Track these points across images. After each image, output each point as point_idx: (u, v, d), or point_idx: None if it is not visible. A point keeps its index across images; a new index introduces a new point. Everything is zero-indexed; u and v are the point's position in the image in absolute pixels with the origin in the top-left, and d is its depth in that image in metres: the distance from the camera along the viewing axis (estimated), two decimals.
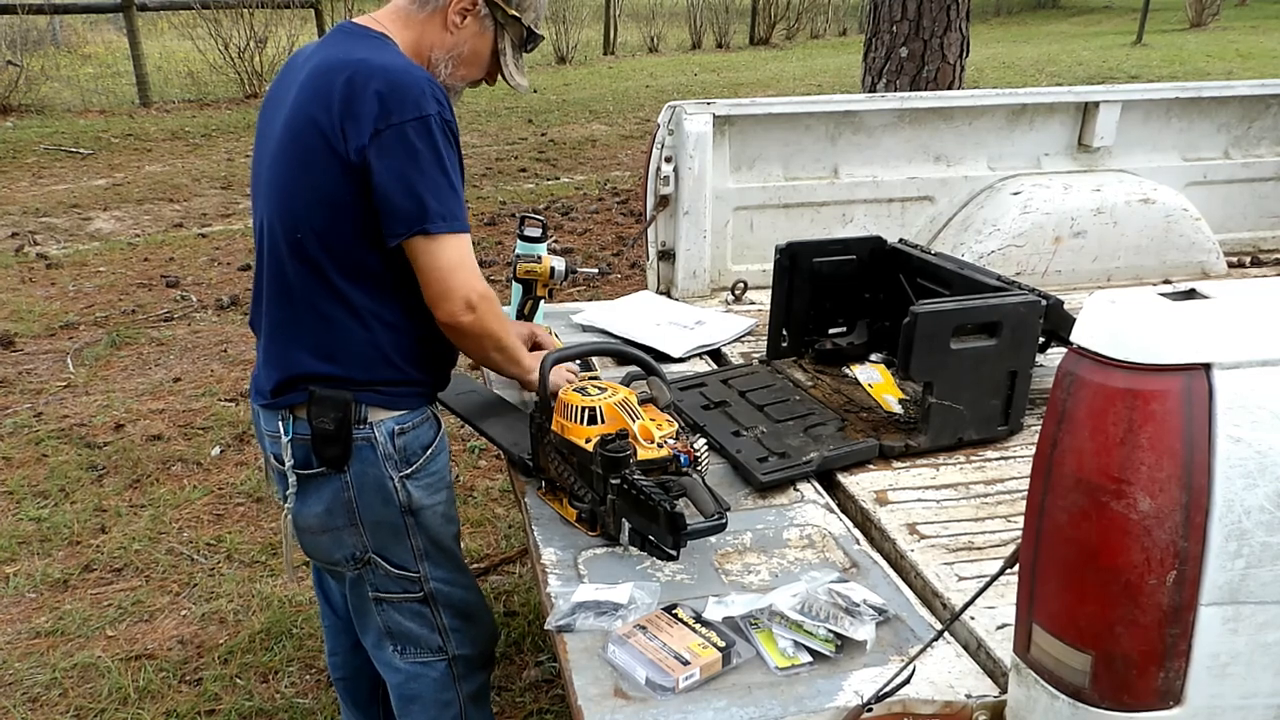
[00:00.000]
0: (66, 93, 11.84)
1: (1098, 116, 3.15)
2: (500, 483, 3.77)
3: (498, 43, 1.87)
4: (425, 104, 1.64)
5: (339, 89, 1.64)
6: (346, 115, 1.63)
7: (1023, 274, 2.98)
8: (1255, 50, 15.08)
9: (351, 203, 1.67)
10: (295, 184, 1.71)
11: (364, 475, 1.81)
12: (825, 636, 1.41)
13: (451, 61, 1.83)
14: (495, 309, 1.80)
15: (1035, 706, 1.23)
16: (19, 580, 3.22)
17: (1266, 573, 1.11)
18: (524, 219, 2.52)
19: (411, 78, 1.66)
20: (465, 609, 2.00)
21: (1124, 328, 1.09)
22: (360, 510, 1.83)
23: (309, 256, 1.72)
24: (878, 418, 2.13)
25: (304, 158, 1.68)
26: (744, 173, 3.05)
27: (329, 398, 1.76)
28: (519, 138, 10.32)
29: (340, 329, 1.75)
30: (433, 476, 1.89)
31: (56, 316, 5.45)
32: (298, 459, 1.80)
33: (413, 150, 1.64)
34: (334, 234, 1.70)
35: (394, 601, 1.93)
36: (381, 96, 1.62)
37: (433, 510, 1.89)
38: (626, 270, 6.02)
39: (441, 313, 1.74)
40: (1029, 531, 1.19)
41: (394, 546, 1.88)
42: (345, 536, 1.86)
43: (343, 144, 1.63)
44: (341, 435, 1.77)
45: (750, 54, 18.21)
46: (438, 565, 1.93)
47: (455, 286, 1.71)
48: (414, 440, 1.85)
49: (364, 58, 1.68)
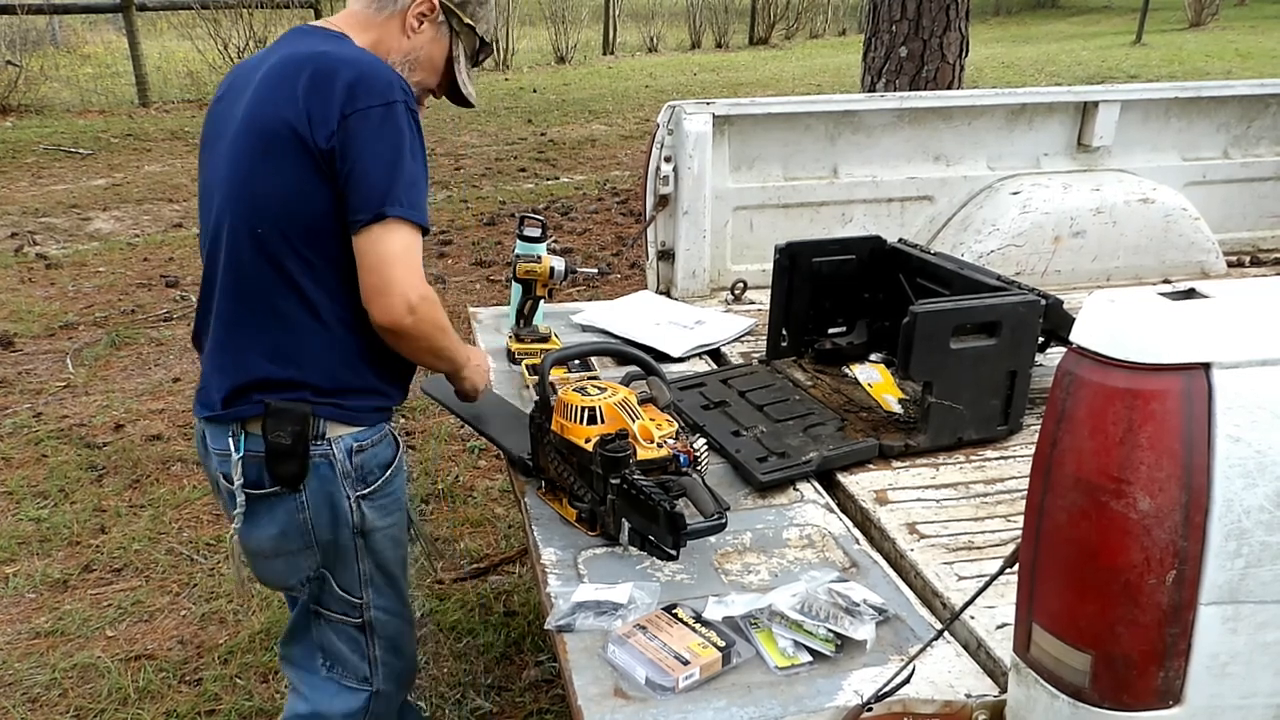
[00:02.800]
0: (66, 93, 11.84)
1: (1097, 116, 3.15)
2: (500, 483, 3.77)
3: (453, 50, 1.85)
4: (393, 92, 1.62)
5: (304, 80, 1.61)
6: (314, 102, 1.59)
7: (1022, 274, 2.98)
8: (1254, 50, 15.08)
9: (317, 193, 1.61)
10: (257, 177, 1.64)
11: (319, 494, 1.72)
12: (825, 636, 1.41)
13: (407, 66, 1.80)
14: (437, 313, 1.69)
15: (1035, 706, 1.23)
16: (19, 580, 3.21)
17: (1266, 572, 1.11)
18: (523, 219, 2.52)
19: (378, 68, 1.65)
20: (397, 642, 1.94)
21: (1123, 327, 1.09)
22: (315, 531, 1.75)
23: (270, 252, 1.64)
24: (877, 417, 2.13)
25: (267, 149, 1.62)
26: (743, 172, 3.05)
27: (287, 410, 1.66)
28: (518, 138, 10.32)
29: (301, 330, 1.67)
30: (388, 498, 1.82)
31: (56, 317, 5.44)
32: (248, 477, 1.70)
33: (381, 134, 1.60)
34: (298, 227, 1.63)
35: (332, 621, 1.86)
36: (349, 84, 1.59)
37: (384, 534, 1.83)
38: (626, 270, 6.01)
39: (378, 309, 1.62)
40: (1028, 531, 1.19)
41: (342, 568, 1.82)
42: (301, 560, 1.78)
43: (310, 132, 1.58)
44: (299, 451, 1.67)
45: (749, 54, 18.21)
46: (380, 594, 1.87)
47: (395, 280, 1.61)
48: (372, 459, 1.77)
49: (327, 50, 1.66)
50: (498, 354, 2.55)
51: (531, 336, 2.52)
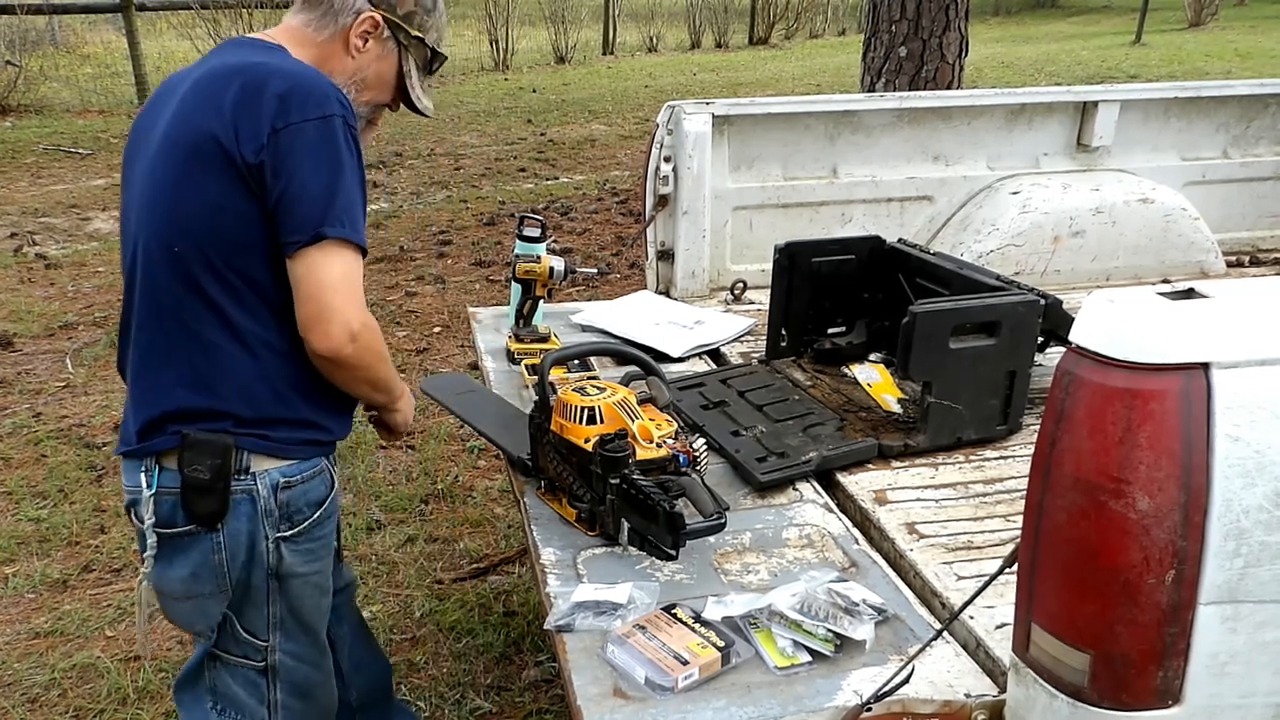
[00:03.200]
0: (65, 93, 11.84)
1: (1096, 116, 3.15)
2: (500, 483, 3.77)
3: (402, 65, 1.76)
4: (329, 105, 1.52)
5: (233, 91, 1.51)
6: (242, 115, 1.49)
7: (1021, 273, 2.98)
8: (1254, 50, 15.09)
9: (242, 211, 1.50)
10: (177, 193, 1.53)
11: (238, 534, 1.60)
12: (824, 636, 1.41)
13: (354, 87, 1.71)
14: (379, 341, 1.60)
15: (1034, 706, 1.23)
16: (18, 580, 3.21)
17: (1265, 572, 1.11)
18: (523, 219, 2.52)
19: (314, 79, 1.55)
20: (306, 687, 1.80)
21: (1123, 327, 1.09)
22: (230, 574, 1.63)
23: (188, 273, 1.53)
24: (877, 417, 2.13)
25: (189, 164, 1.52)
26: (743, 172, 3.05)
27: (205, 441, 1.54)
28: (518, 138, 10.32)
29: (222, 355, 1.55)
30: (315, 542, 1.70)
31: (55, 317, 5.44)
32: (161, 516, 1.58)
33: (315, 150, 1.50)
34: (219, 247, 1.52)
35: (229, 663, 1.72)
36: (281, 96, 1.49)
37: (304, 580, 1.70)
38: (626, 270, 6.01)
39: (316, 338, 1.51)
40: (1028, 531, 1.19)
41: (249, 610, 1.68)
42: (211, 605, 1.65)
43: (237, 145, 1.48)
44: (218, 487, 1.55)
45: (749, 54, 18.21)
46: (291, 638, 1.74)
47: (335, 308, 1.50)
48: (300, 496, 1.65)
49: (260, 61, 1.57)
50: (497, 354, 2.55)
51: (531, 336, 2.52)
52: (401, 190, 8.19)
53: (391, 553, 3.33)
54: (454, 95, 13.07)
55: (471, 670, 2.80)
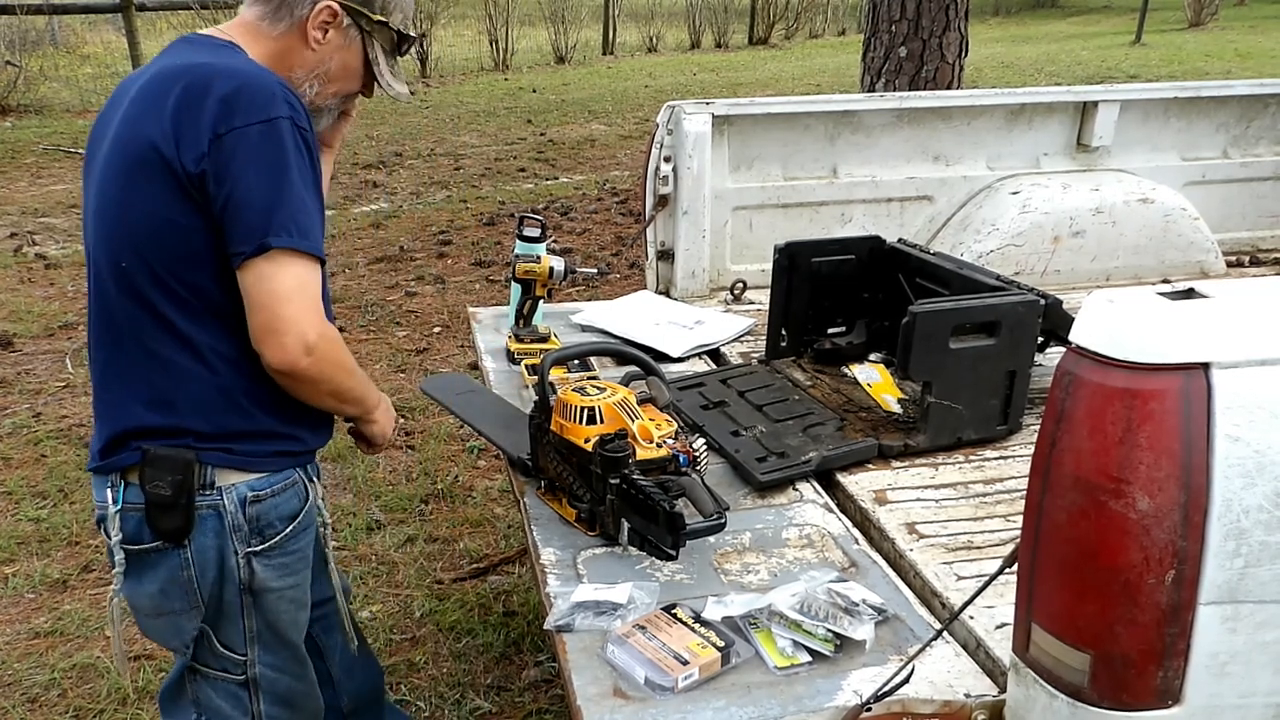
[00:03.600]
0: (65, 93, 11.84)
1: (1096, 116, 3.15)
2: (500, 483, 3.77)
3: (368, 52, 1.66)
4: (275, 106, 1.45)
5: (175, 95, 1.45)
6: (183, 121, 1.43)
7: (1021, 273, 2.98)
8: (1254, 50, 15.09)
9: (187, 223, 1.45)
10: (122, 205, 1.48)
11: (205, 550, 1.56)
12: (824, 636, 1.41)
13: (318, 80, 1.63)
14: (339, 352, 1.55)
15: (1034, 706, 1.23)
16: (18, 581, 3.21)
17: (1265, 572, 1.11)
18: (523, 219, 2.52)
19: (260, 80, 1.47)
20: (289, 698, 1.77)
21: (1123, 327, 1.09)
22: (201, 590, 1.59)
23: (137, 288, 1.49)
24: (877, 417, 2.13)
25: (132, 174, 1.47)
26: (743, 172, 3.05)
27: (166, 457, 1.51)
28: (518, 138, 10.32)
29: (177, 371, 1.51)
30: (290, 556, 1.66)
31: (55, 317, 5.44)
32: (127, 532, 1.54)
33: (260, 155, 1.43)
34: (165, 261, 1.47)
35: (209, 677, 1.69)
36: (224, 99, 1.43)
37: (280, 595, 1.66)
38: (625, 270, 6.01)
39: (270, 351, 1.45)
40: (1028, 531, 1.19)
41: (225, 625, 1.65)
42: (183, 621, 1.62)
43: (177, 153, 1.43)
44: (181, 503, 1.52)
45: (749, 54, 18.21)
46: (269, 651, 1.71)
47: (288, 319, 1.44)
48: (271, 510, 1.60)
49: (205, 62, 1.50)
50: (497, 354, 2.55)
51: (531, 336, 2.52)
52: (401, 190, 8.19)
53: (391, 553, 3.33)
54: (454, 95, 13.08)
55: (471, 670, 2.80)
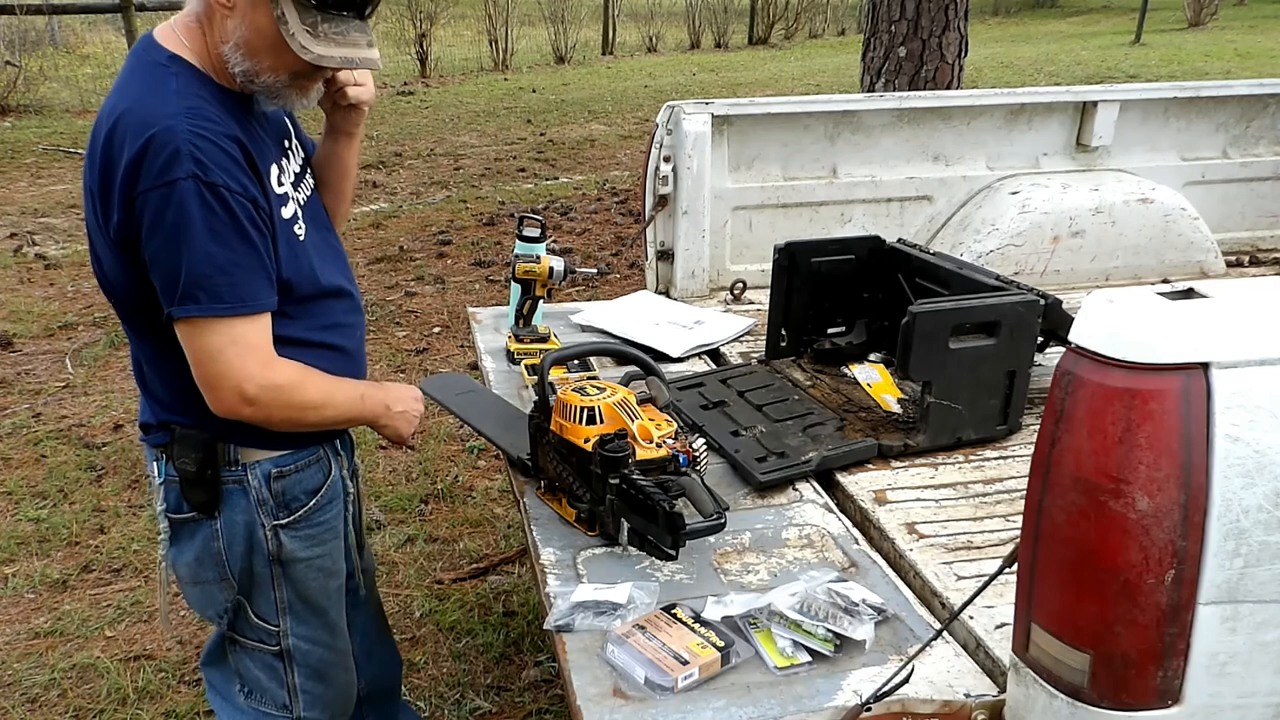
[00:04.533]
0: (65, 93, 11.84)
1: (1096, 116, 3.15)
2: (500, 483, 3.77)
3: (273, 11, 1.50)
4: (176, 167, 1.42)
5: (100, 152, 1.47)
6: (105, 186, 1.47)
7: (1021, 273, 2.98)
8: (1253, 50, 15.09)
9: (138, 277, 1.51)
10: (96, 253, 1.58)
11: (233, 523, 1.65)
12: (824, 636, 1.41)
13: (242, 54, 1.52)
14: (289, 397, 1.57)
15: (1034, 706, 1.23)
16: (18, 581, 3.21)
17: (1265, 572, 1.11)
18: (522, 219, 2.52)
19: (166, 135, 1.42)
20: (322, 670, 1.84)
21: (1122, 327, 1.09)
22: (229, 562, 1.68)
23: (128, 319, 1.61)
24: (876, 417, 2.13)
25: (91, 225, 1.55)
26: (743, 172, 3.05)
27: (190, 437, 1.60)
28: (518, 138, 10.32)
29: (185, 384, 1.56)
30: (317, 528, 1.73)
31: (55, 317, 5.44)
32: (169, 502, 1.66)
33: (160, 221, 1.43)
34: (136, 301, 1.56)
35: (247, 648, 1.79)
36: (131, 163, 1.43)
37: (308, 565, 1.74)
38: (625, 270, 6.01)
39: (209, 400, 1.53)
40: (1027, 531, 1.19)
41: (257, 595, 1.73)
42: (216, 592, 1.72)
43: (104, 222, 1.49)
44: (205, 478, 1.61)
45: (749, 54, 18.21)
46: (301, 622, 1.78)
47: (218, 375, 1.50)
48: (295, 485, 1.68)
49: (127, 108, 1.47)
50: (497, 354, 2.55)
51: (531, 336, 2.52)
52: (401, 190, 8.19)
53: (391, 553, 3.33)
54: (454, 95, 13.07)
55: (471, 670, 2.80)
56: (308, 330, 1.65)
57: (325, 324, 1.69)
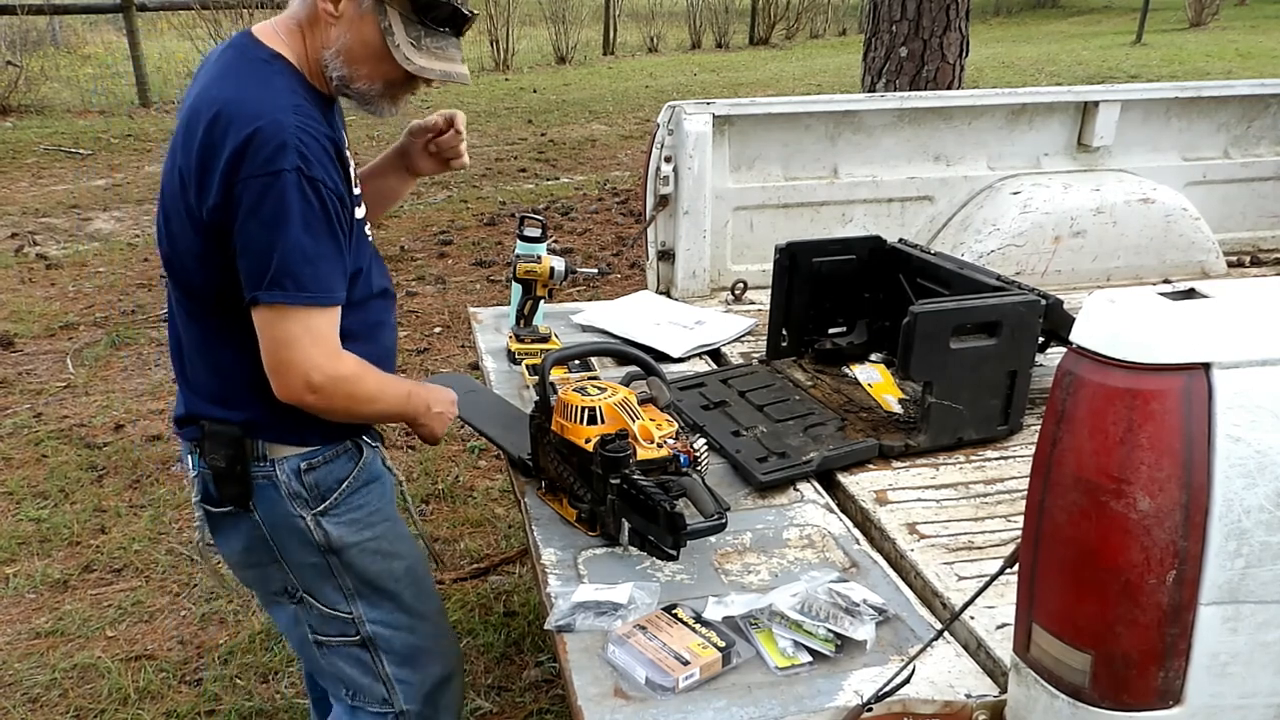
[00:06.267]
0: (66, 93, 11.84)
1: (1097, 116, 3.15)
2: (500, 483, 3.77)
3: (380, 22, 1.55)
4: (281, 158, 1.46)
5: (200, 137, 1.49)
6: (203, 169, 1.49)
7: (1022, 274, 2.98)
8: (1255, 50, 15.07)
9: (219, 260, 1.54)
10: (173, 234, 1.59)
11: (272, 515, 1.68)
12: (825, 636, 1.41)
13: (342, 60, 1.58)
14: (351, 388, 1.60)
15: (1035, 706, 1.23)
16: (19, 581, 3.21)
17: (1266, 572, 1.11)
18: (523, 219, 2.52)
19: (273, 128, 1.47)
20: (410, 655, 1.84)
21: (1123, 327, 1.09)
22: (279, 548, 1.71)
23: (183, 288, 1.63)
24: (877, 417, 2.13)
25: (176, 210, 1.57)
26: (744, 173, 3.05)
27: (219, 434, 1.63)
28: (519, 138, 10.31)
29: (230, 371, 1.62)
30: (358, 511, 1.74)
31: (56, 317, 5.44)
32: (206, 494, 1.69)
33: (259, 209, 1.47)
34: (208, 284, 1.58)
35: (332, 645, 1.79)
36: (236, 149, 1.46)
37: (360, 548, 1.74)
38: (626, 270, 6.01)
39: (275, 385, 1.55)
40: (1029, 531, 1.19)
41: (320, 585, 1.75)
42: (272, 572, 1.75)
43: (197, 204, 1.51)
44: (235, 473, 1.63)
45: (750, 54, 18.21)
46: (374, 606, 1.78)
47: (289, 361, 1.53)
48: (326, 475, 1.70)
49: (232, 97, 1.51)
50: (498, 354, 2.55)
51: (531, 336, 2.52)
52: None
53: None
54: (454, 95, 13.07)
55: (471, 670, 2.80)
56: (359, 325, 1.68)
57: (372, 321, 1.74)
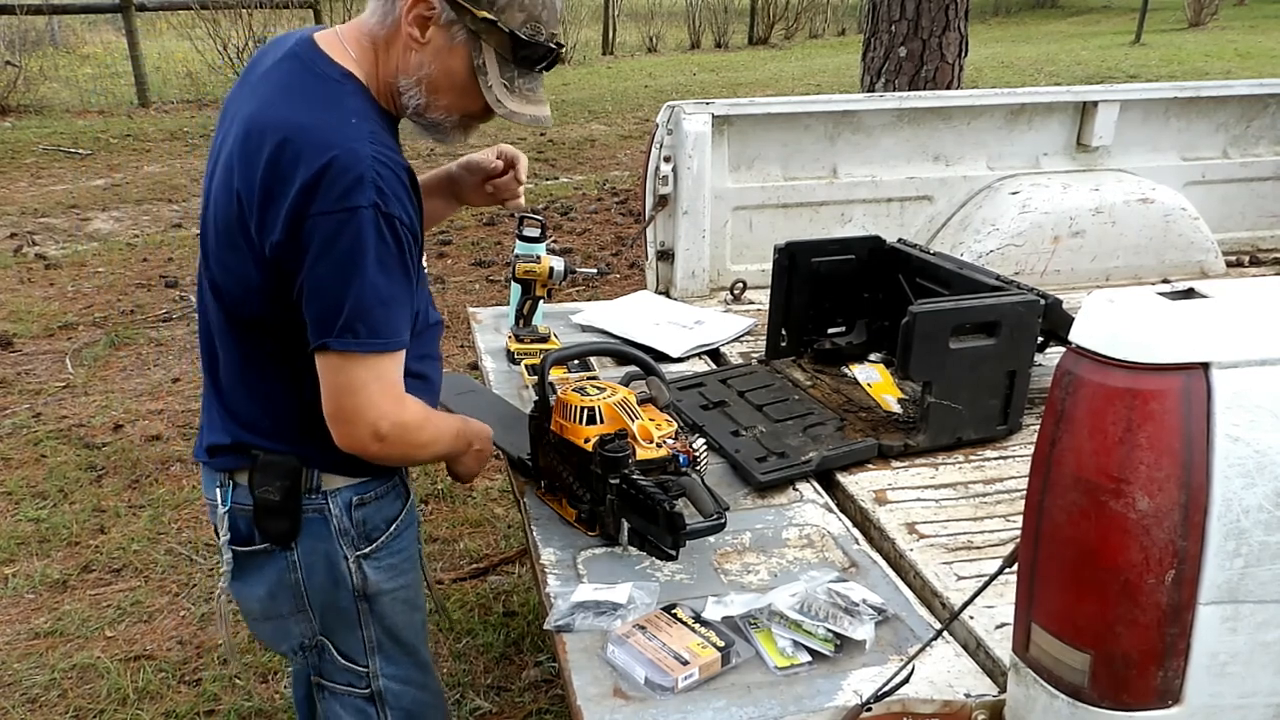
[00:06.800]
0: (65, 93, 11.84)
1: (1096, 116, 3.15)
2: (500, 483, 3.77)
3: (473, 58, 1.46)
4: (357, 194, 1.34)
5: (264, 164, 1.37)
6: (266, 198, 1.37)
7: (1021, 273, 2.98)
8: (1254, 50, 15.08)
9: (277, 294, 1.42)
10: (222, 258, 1.47)
11: (313, 553, 1.57)
12: (824, 636, 1.41)
13: (422, 89, 1.47)
14: (414, 436, 1.52)
15: (1034, 706, 1.23)
16: (18, 581, 3.21)
17: (1265, 572, 1.11)
18: (523, 219, 2.52)
19: (349, 158, 1.35)
20: (416, 713, 1.77)
21: (1123, 327, 1.09)
22: (309, 594, 1.60)
23: (231, 325, 1.50)
24: (877, 417, 2.13)
25: (228, 234, 1.44)
26: (743, 172, 3.05)
27: (275, 464, 1.51)
28: (518, 138, 10.31)
29: (282, 403, 1.52)
30: (397, 557, 1.66)
31: (55, 317, 5.44)
32: (236, 533, 1.57)
33: (333, 248, 1.35)
34: (262, 316, 1.47)
35: (336, 692, 1.71)
36: (307, 182, 1.34)
37: (393, 597, 1.66)
38: (625, 270, 6.01)
39: (337, 434, 1.45)
40: (1028, 531, 1.19)
41: (343, 634, 1.66)
42: (291, 626, 1.64)
43: (258, 235, 1.39)
44: (289, 507, 1.52)
45: (749, 54, 18.21)
46: (392, 661, 1.71)
47: (355, 409, 1.42)
48: (376, 514, 1.61)
49: (303, 122, 1.38)
50: (497, 354, 2.55)
51: (531, 336, 2.52)
52: None
53: None
54: None
55: (471, 670, 2.80)
56: (412, 360, 1.56)
57: (422, 354, 1.64)
